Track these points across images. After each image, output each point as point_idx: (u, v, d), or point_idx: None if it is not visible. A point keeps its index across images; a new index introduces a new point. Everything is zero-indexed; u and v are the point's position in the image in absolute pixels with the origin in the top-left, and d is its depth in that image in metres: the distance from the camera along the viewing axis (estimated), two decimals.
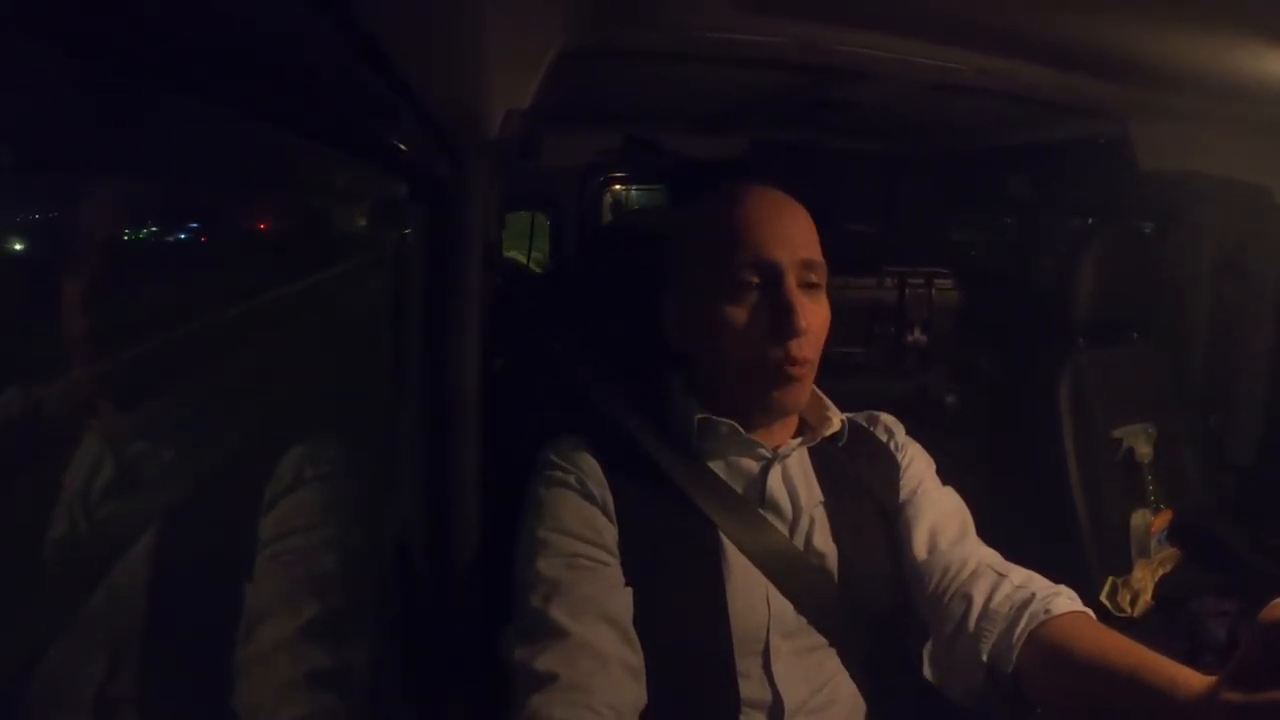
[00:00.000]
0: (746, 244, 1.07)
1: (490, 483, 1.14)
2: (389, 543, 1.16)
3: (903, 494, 1.19)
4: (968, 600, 1.04)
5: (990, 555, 1.12)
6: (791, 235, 1.09)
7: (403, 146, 1.06)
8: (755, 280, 1.07)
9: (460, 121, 1.08)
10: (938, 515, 1.16)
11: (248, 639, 1.03)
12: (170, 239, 1.13)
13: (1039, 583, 1.04)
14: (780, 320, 1.05)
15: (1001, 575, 1.05)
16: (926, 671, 1.06)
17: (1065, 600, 1.01)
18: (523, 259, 3.11)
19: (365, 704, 1.06)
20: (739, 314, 1.07)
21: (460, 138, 1.09)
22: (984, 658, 0.99)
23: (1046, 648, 0.95)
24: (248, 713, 1.00)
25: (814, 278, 1.09)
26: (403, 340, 1.17)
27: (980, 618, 1.02)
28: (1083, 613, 1.00)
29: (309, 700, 1.01)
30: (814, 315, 1.08)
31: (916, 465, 1.23)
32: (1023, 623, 0.98)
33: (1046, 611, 0.98)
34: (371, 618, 1.09)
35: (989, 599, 1.03)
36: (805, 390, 1.11)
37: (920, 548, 1.13)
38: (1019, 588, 1.03)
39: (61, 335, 1.03)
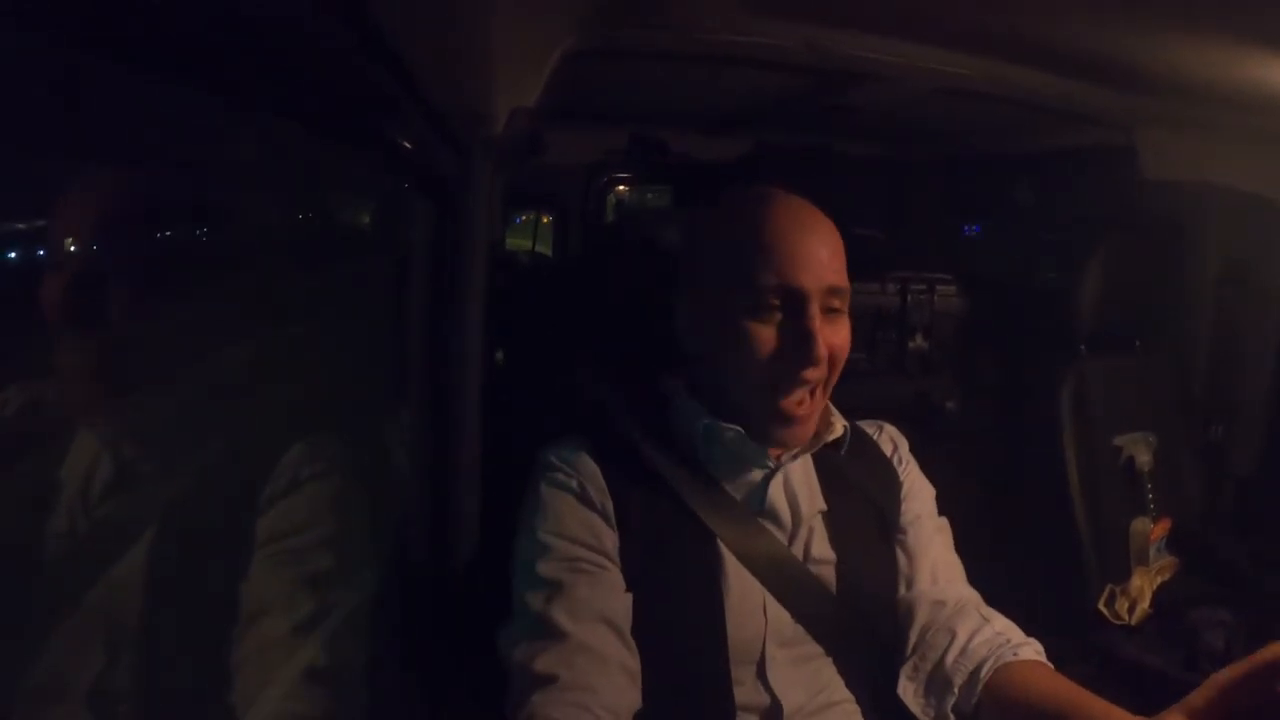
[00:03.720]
0: (771, 264, 1.04)
1: (490, 479, 1.14)
2: (388, 540, 1.16)
3: (904, 517, 1.21)
4: (951, 635, 1.09)
5: (975, 597, 1.17)
6: (818, 258, 1.06)
7: (407, 143, 1.05)
8: (777, 303, 1.05)
9: (465, 119, 1.08)
10: (938, 552, 1.20)
11: (244, 637, 1.03)
12: (167, 234, 1.13)
13: (1016, 633, 1.11)
14: (801, 348, 1.04)
15: (985, 620, 1.11)
16: (900, 689, 1.10)
17: (1031, 650, 1.08)
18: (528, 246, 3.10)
19: (363, 702, 1.05)
20: (760, 333, 1.05)
21: (465, 135, 1.09)
22: (955, 690, 1.06)
23: (1005, 687, 1.03)
24: (244, 710, 1.00)
25: (837, 303, 1.08)
26: (405, 337, 1.17)
27: (960, 654, 1.07)
28: (1044, 663, 1.07)
29: (305, 697, 1.01)
30: (834, 339, 1.07)
31: (919, 494, 1.24)
32: (990, 662, 1.05)
33: (1014, 654, 1.06)
34: (370, 615, 1.09)
35: (970, 638, 1.08)
36: (819, 411, 1.11)
37: (922, 580, 1.16)
38: (998, 633, 1.09)
39: (60, 333, 1.03)
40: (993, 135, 2.21)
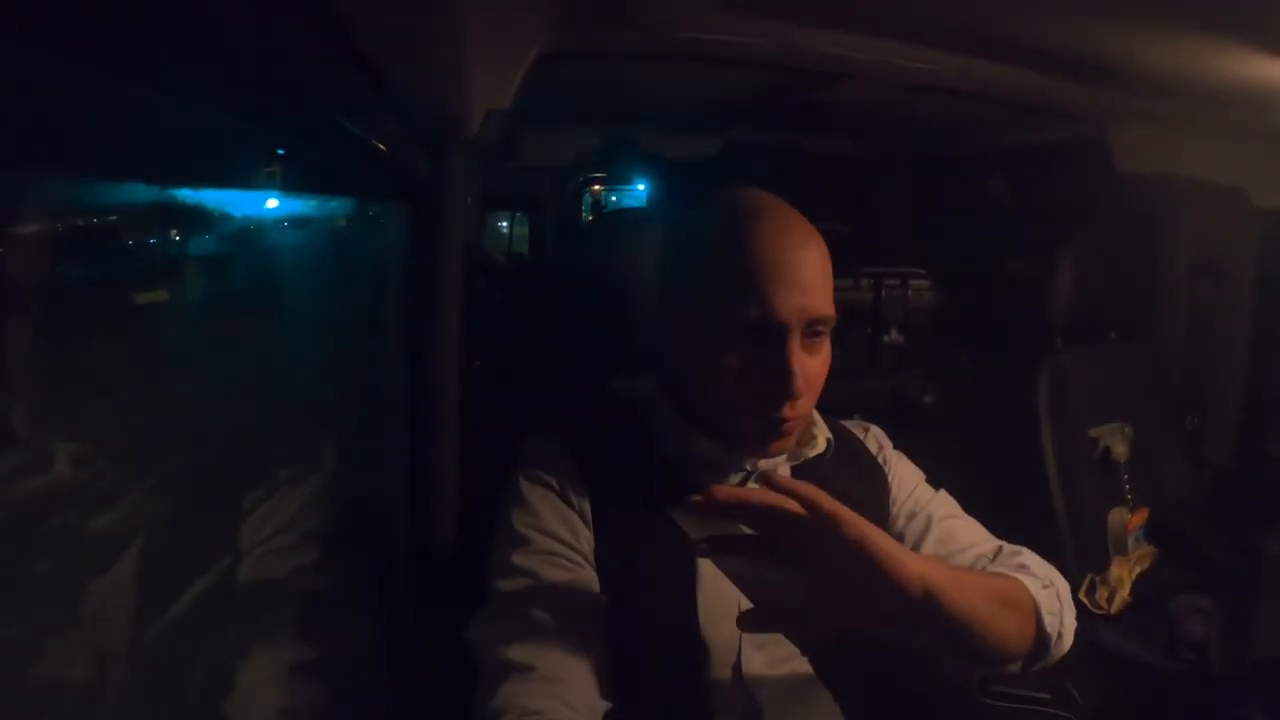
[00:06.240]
0: (755, 291, 0.99)
1: (467, 479, 1.14)
2: (370, 538, 1.16)
3: (894, 508, 1.19)
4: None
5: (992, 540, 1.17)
6: (804, 285, 1.01)
7: (382, 146, 1.05)
8: (756, 334, 1.00)
9: (441, 121, 1.07)
10: (952, 525, 1.18)
11: (231, 636, 1.03)
12: (139, 240, 1.12)
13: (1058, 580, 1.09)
14: (777, 381, 0.99)
15: (1024, 565, 1.09)
16: None
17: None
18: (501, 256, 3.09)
19: (349, 694, 1.05)
20: (735, 362, 1.01)
21: (440, 137, 1.08)
22: None
23: None
24: (233, 708, 1.00)
25: (820, 328, 1.04)
26: (382, 339, 1.17)
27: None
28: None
29: (293, 692, 1.01)
30: (812, 368, 1.03)
31: (907, 482, 1.22)
32: None
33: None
34: (354, 610, 1.09)
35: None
36: (793, 436, 1.09)
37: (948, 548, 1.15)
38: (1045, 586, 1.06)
39: (29, 347, 1.03)
40: (967, 131, 2.22)
